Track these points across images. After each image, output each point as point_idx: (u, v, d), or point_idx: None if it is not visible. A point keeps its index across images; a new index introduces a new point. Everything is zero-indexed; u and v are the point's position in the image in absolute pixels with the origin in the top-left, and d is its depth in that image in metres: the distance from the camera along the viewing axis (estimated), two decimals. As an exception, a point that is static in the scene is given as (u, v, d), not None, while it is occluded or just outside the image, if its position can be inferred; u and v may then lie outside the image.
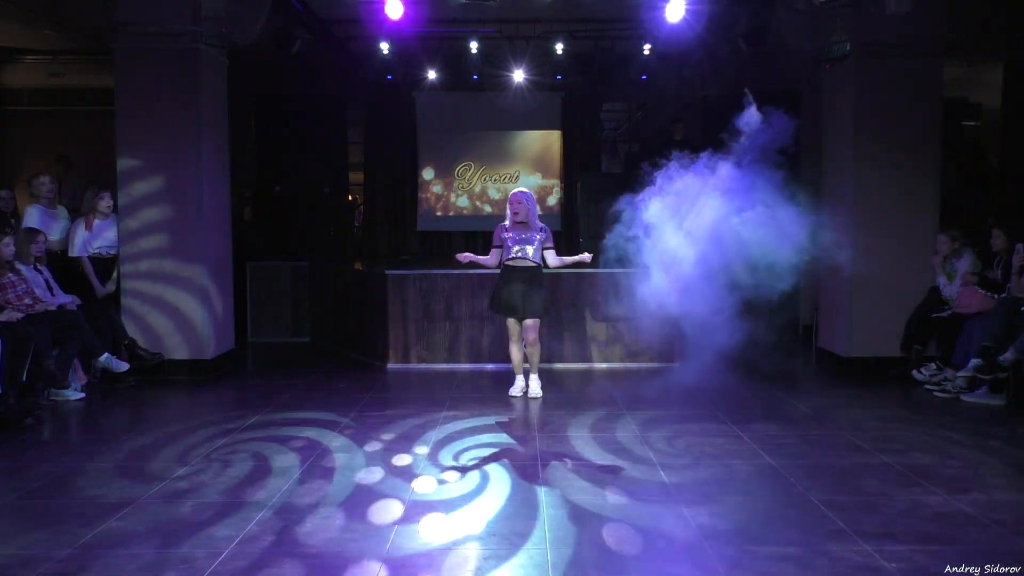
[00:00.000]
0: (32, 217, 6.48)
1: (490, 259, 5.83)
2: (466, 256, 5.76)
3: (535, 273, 5.73)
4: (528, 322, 5.74)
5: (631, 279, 6.35)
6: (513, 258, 5.69)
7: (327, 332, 8.33)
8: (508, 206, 5.76)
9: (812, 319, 7.84)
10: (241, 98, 9.69)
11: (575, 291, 7.10)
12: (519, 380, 5.93)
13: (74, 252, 6.49)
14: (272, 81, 11.14)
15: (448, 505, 3.64)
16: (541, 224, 5.79)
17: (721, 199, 5.58)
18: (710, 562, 3.01)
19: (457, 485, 3.92)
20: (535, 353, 5.85)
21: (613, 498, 3.71)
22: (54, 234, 6.60)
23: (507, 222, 5.77)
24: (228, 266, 7.08)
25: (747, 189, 5.47)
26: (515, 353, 5.88)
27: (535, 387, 5.87)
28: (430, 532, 3.32)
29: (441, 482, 3.97)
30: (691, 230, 5.70)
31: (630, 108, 12.21)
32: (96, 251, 6.54)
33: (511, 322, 5.80)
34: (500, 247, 5.79)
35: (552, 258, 5.76)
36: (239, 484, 3.91)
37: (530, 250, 5.67)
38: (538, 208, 5.86)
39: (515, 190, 5.84)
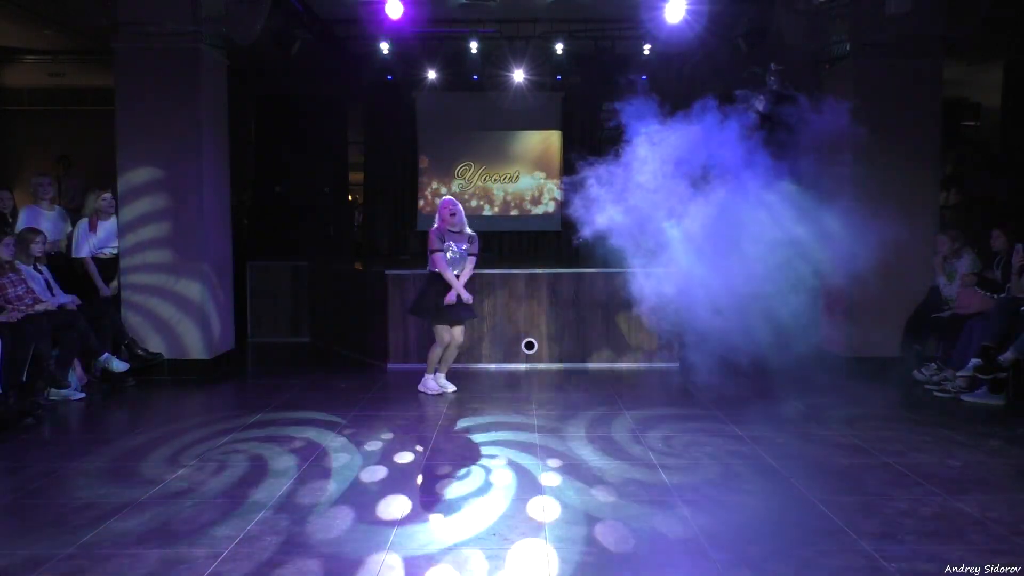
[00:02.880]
0: (31, 217, 6.49)
1: (448, 269, 5.76)
2: (452, 295, 5.71)
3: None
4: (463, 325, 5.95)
5: (631, 278, 6.34)
6: (450, 261, 5.77)
7: (327, 332, 8.33)
8: (441, 211, 5.77)
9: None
10: (241, 98, 9.69)
11: (575, 291, 7.10)
12: (442, 378, 6.03)
13: (80, 253, 6.50)
14: (272, 81, 11.14)
15: (449, 505, 3.64)
16: (471, 232, 5.90)
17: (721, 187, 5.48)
18: (710, 562, 3.02)
19: (458, 484, 3.92)
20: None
21: (613, 498, 3.71)
22: (53, 235, 6.60)
23: (438, 224, 5.80)
24: (228, 266, 7.08)
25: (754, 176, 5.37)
26: (439, 356, 5.94)
27: (445, 382, 6.04)
28: (431, 531, 3.32)
29: (442, 481, 3.97)
30: (691, 224, 5.63)
31: (630, 108, 12.20)
32: (99, 251, 6.55)
33: (443, 328, 5.84)
34: (442, 251, 5.75)
35: (469, 267, 5.84)
36: (239, 484, 3.91)
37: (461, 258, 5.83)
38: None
39: (446, 197, 5.96)
